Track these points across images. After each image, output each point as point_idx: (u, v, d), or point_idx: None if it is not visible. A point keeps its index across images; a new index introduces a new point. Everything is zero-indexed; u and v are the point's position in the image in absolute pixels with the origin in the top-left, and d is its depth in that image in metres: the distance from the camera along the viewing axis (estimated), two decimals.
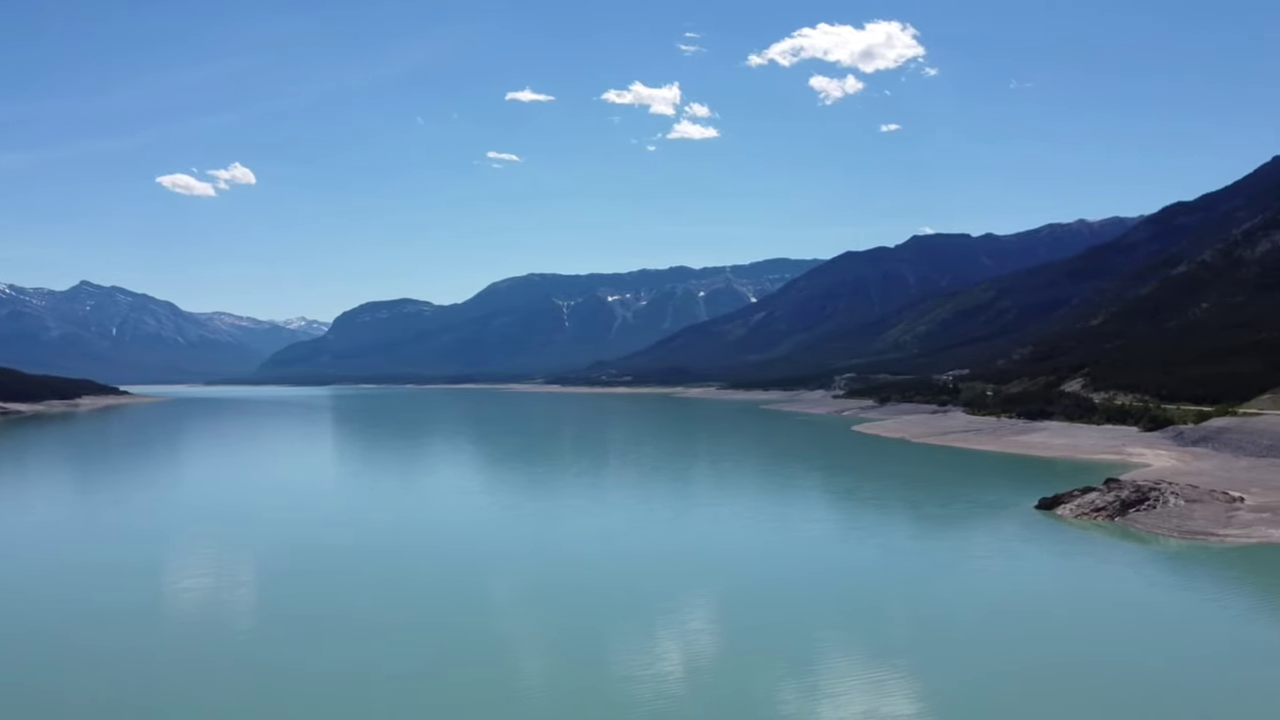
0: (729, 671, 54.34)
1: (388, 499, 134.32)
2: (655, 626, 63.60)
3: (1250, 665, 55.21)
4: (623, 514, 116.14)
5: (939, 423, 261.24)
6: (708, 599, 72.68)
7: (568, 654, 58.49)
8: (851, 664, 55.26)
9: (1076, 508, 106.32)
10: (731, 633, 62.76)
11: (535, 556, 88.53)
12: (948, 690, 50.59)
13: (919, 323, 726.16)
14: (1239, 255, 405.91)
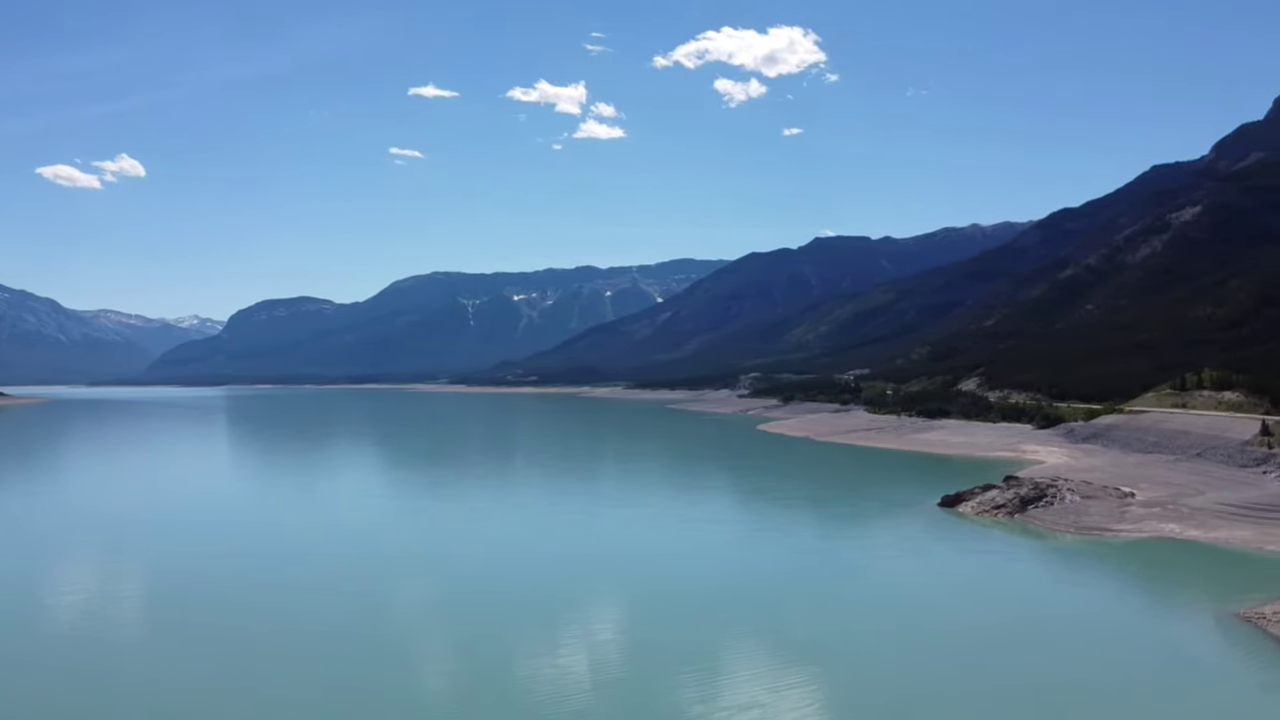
0: (633, 678, 53.44)
1: (277, 506, 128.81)
2: (558, 633, 62.25)
3: (1146, 658, 56.43)
4: (528, 517, 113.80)
5: (842, 421, 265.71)
6: (614, 604, 71.39)
7: (467, 662, 56.77)
8: (757, 667, 54.74)
9: (978, 505, 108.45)
10: (637, 638, 61.70)
11: (437, 563, 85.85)
12: (853, 693, 50.52)
13: (821, 323, 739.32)
14: (1121, 260, 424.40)
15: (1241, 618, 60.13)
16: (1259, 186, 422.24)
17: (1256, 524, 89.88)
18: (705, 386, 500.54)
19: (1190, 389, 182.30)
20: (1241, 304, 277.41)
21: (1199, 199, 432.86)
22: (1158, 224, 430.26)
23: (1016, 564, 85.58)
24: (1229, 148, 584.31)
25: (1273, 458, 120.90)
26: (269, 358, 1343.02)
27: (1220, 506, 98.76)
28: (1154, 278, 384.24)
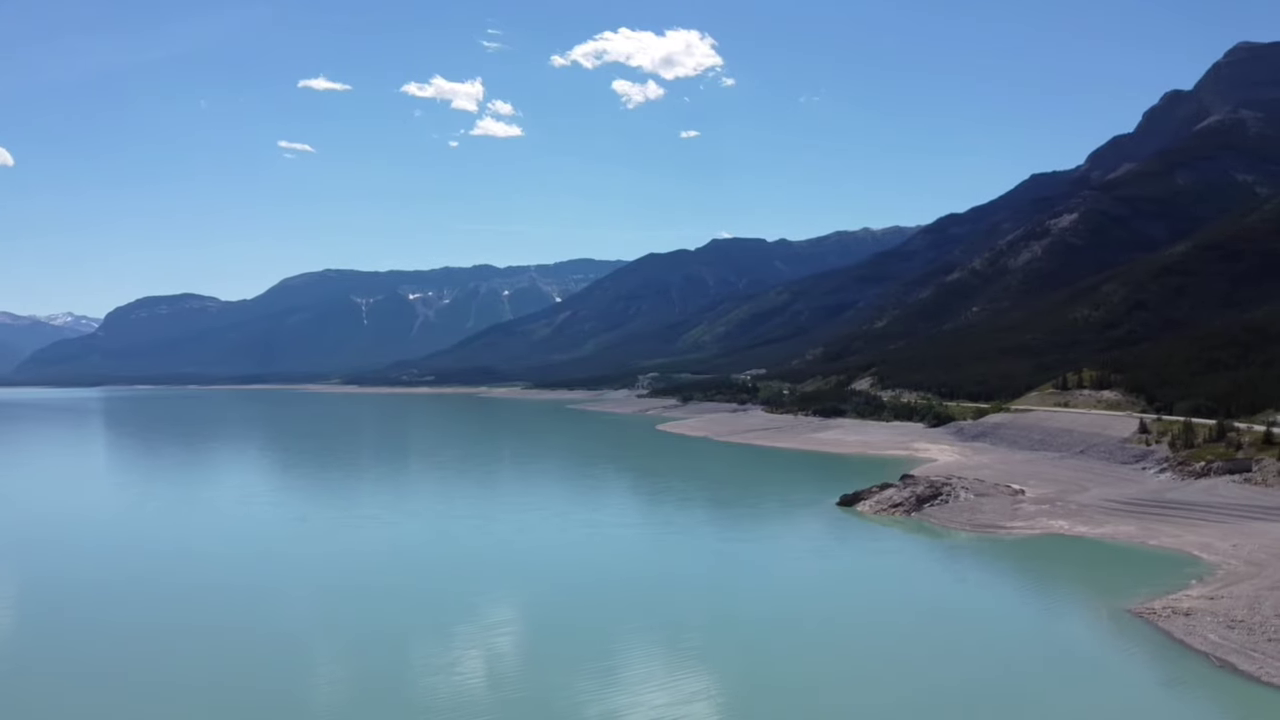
0: (530, 683, 52.39)
1: (140, 523, 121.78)
2: (453, 640, 60.50)
3: (1043, 654, 57.09)
4: (424, 522, 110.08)
5: (740, 421, 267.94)
6: (513, 609, 69.38)
7: (363, 665, 54.96)
8: (658, 671, 53.82)
9: (876, 504, 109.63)
10: (535, 644, 60.29)
11: (327, 570, 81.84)
12: (749, 692, 49.95)
13: (718, 324, 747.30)
14: (1004, 264, 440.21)
15: (1133, 613, 61.48)
16: (1130, 195, 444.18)
17: (1139, 519, 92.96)
18: (604, 387, 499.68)
19: (1071, 388, 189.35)
20: (1115, 307, 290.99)
21: (1075, 206, 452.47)
22: (1038, 230, 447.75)
23: (914, 562, 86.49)
24: (1102, 158, 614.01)
25: (1150, 454, 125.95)
26: (149, 357, 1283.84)
27: (1105, 502, 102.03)
28: (1035, 281, 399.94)
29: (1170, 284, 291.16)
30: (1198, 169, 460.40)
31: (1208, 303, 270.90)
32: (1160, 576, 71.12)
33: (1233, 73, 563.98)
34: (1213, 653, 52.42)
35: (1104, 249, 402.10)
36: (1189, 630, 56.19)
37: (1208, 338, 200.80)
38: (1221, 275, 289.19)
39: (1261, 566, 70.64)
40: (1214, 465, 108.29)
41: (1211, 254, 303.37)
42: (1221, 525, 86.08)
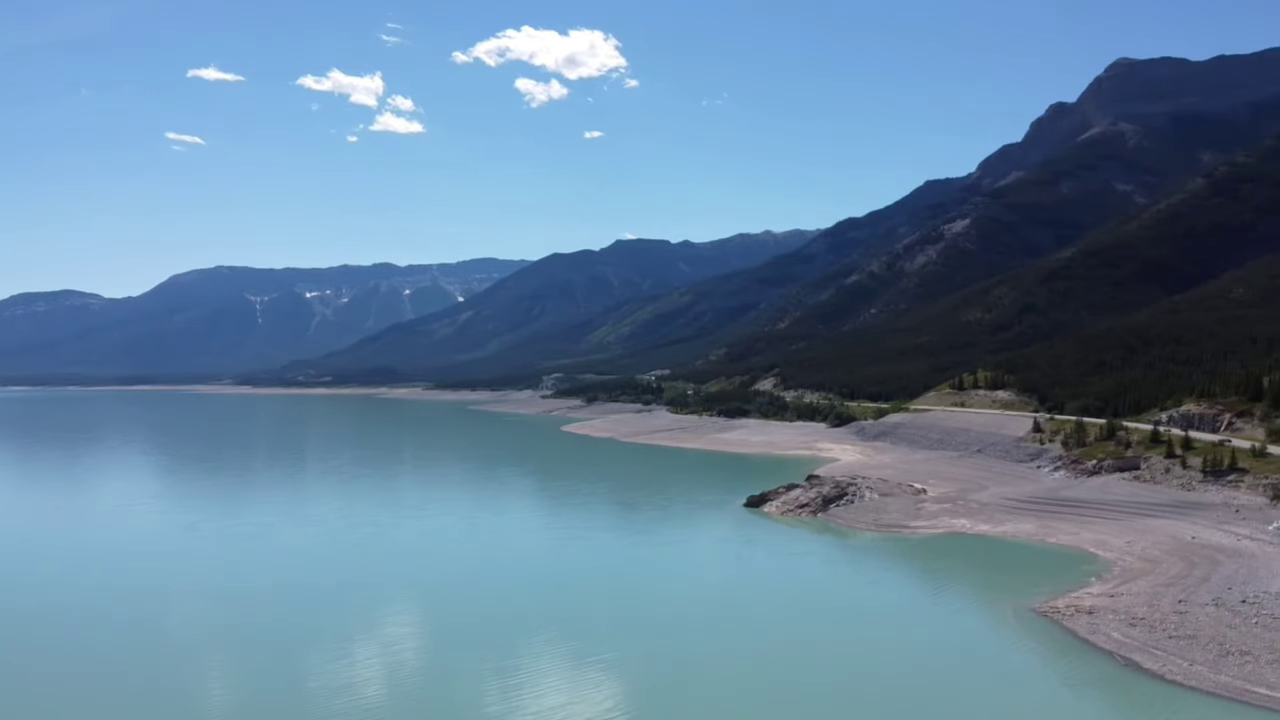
0: (431, 691, 50.95)
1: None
2: (352, 646, 58.14)
3: (955, 655, 57.33)
4: (323, 529, 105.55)
5: (645, 421, 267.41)
6: (413, 616, 66.99)
7: (263, 669, 53.03)
8: (564, 676, 52.63)
9: (782, 505, 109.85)
10: (437, 651, 58.47)
11: (216, 577, 77.49)
12: (655, 694, 49.33)
13: (623, 324, 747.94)
14: (901, 267, 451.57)
15: (1038, 612, 62.33)
16: (1019, 203, 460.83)
17: (1037, 517, 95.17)
18: (508, 387, 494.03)
19: (967, 388, 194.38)
20: (1006, 309, 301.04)
21: (968, 212, 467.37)
22: (932, 235, 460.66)
23: (822, 564, 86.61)
24: (993, 166, 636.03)
25: (1044, 452, 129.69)
26: (25, 356, 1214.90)
27: (1004, 501, 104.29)
28: (930, 284, 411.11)
29: (1057, 288, 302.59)
30: (1081, 178, 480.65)
31: (1092, 306, 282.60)
32: (1061, 574, 72.52)
33: (1112, 87, 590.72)
34: (1117, 651, 53.29)
35: (995, 254, 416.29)
36: (1093, 629, 57.10)
37: (1094, 340, 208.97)
38: (1104, 280, 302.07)
39: (1156, 563, 72.70)
40: (1105, 463, 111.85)
41: (1094, 260, 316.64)
42: (1115, 522, 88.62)
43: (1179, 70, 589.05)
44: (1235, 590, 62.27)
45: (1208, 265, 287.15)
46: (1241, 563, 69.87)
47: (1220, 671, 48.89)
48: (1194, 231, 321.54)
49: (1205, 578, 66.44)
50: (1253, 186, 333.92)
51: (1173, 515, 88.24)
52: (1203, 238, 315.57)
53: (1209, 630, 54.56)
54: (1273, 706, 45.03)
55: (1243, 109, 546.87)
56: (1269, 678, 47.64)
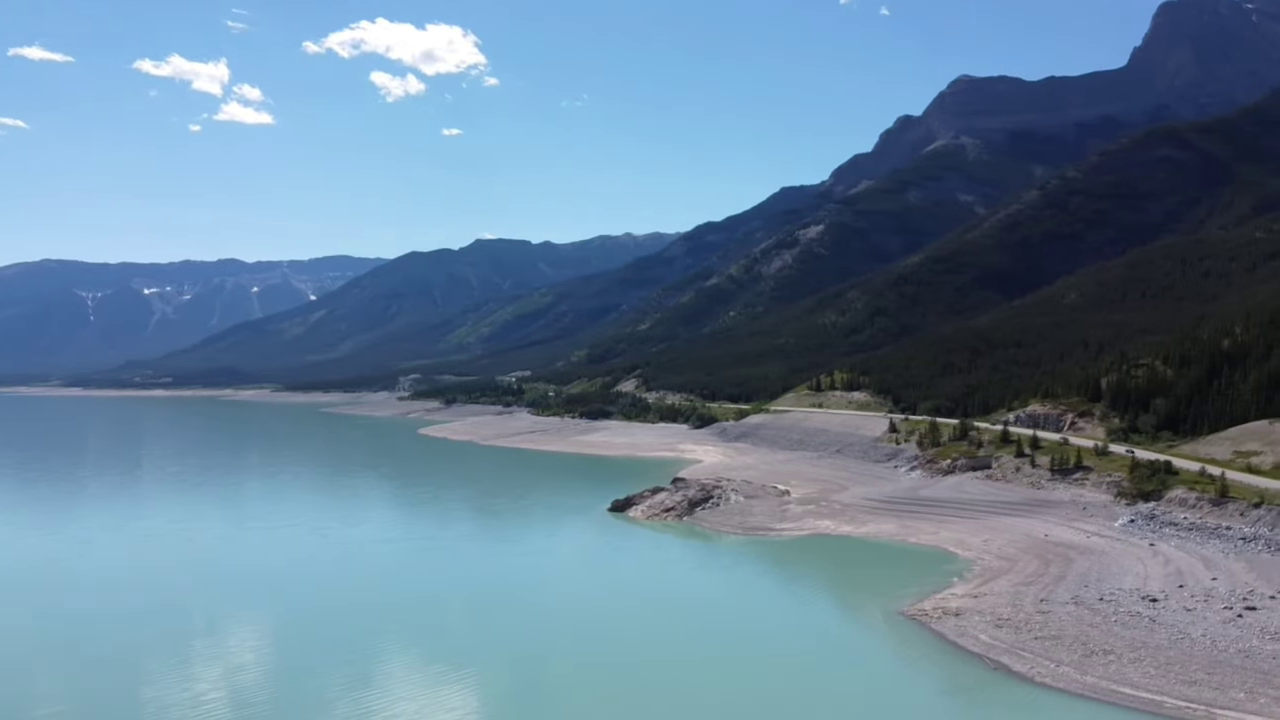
0: (279, 703, 47.62)
1: None
2: (199, 654, 54.81)
3: (826, 663, 56.53)
4: (153, 545, 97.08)
5: (506, 424, 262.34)
6: (260, 631, 62.27)
7: (92, 694, 48.89)
8: (415, 690, 49.31)
9: (648, 509, 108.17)
10: (285, 665, 54.46)
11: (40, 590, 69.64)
12: (515, 707, 47.09)
13: (483, 324, 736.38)
14: (758, 271, 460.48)
15: (906, 615, 62.29)
16: (869, 210, 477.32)
17: (898, 517, 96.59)
18: (363, 388, 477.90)
19: (825, 389, 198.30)
20: (859, 313, 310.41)
21: (822, 219, 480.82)
22: (788, 240, 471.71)
23: (690, 569, 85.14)
24: (845, 174, 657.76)
25: (901, 452, 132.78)
26: None
27: (865, 501, 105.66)
28: (786, 288, 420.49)
29: (906, 293, 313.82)
30: (926, 188, 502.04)
31: (938, 310, 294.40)
32: (924, 575, 73.14)
33: (955, 102, 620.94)
34: (986, 654, 53.43)
35: (847, 259, 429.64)
36: (961, 631, 57.27)
37: (942, 342, 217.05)
38: (948, 285, 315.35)
39: (1013, 561, 74.28)
40: (959, 463, 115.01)
41: (939, 266, 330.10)
42: (972, 521, 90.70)
43: (1015, 89, 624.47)
44: (1091, 588, 63.93)
45: (1042, 272, 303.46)
46: (1093, 559, 72.10)
47: (1086, 672, 49.50)
48: (1029, 240, 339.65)
49: (1061, 575, 68.10)
50: (1080, 199, 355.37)
51: (1025, 513, 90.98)
52: (1037, 246, 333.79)
53: (1072, 630, 55.47)
54: (1138, 706, 45.71)
55: (1070, 127, 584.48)
56: (1133, 676, 48.49)
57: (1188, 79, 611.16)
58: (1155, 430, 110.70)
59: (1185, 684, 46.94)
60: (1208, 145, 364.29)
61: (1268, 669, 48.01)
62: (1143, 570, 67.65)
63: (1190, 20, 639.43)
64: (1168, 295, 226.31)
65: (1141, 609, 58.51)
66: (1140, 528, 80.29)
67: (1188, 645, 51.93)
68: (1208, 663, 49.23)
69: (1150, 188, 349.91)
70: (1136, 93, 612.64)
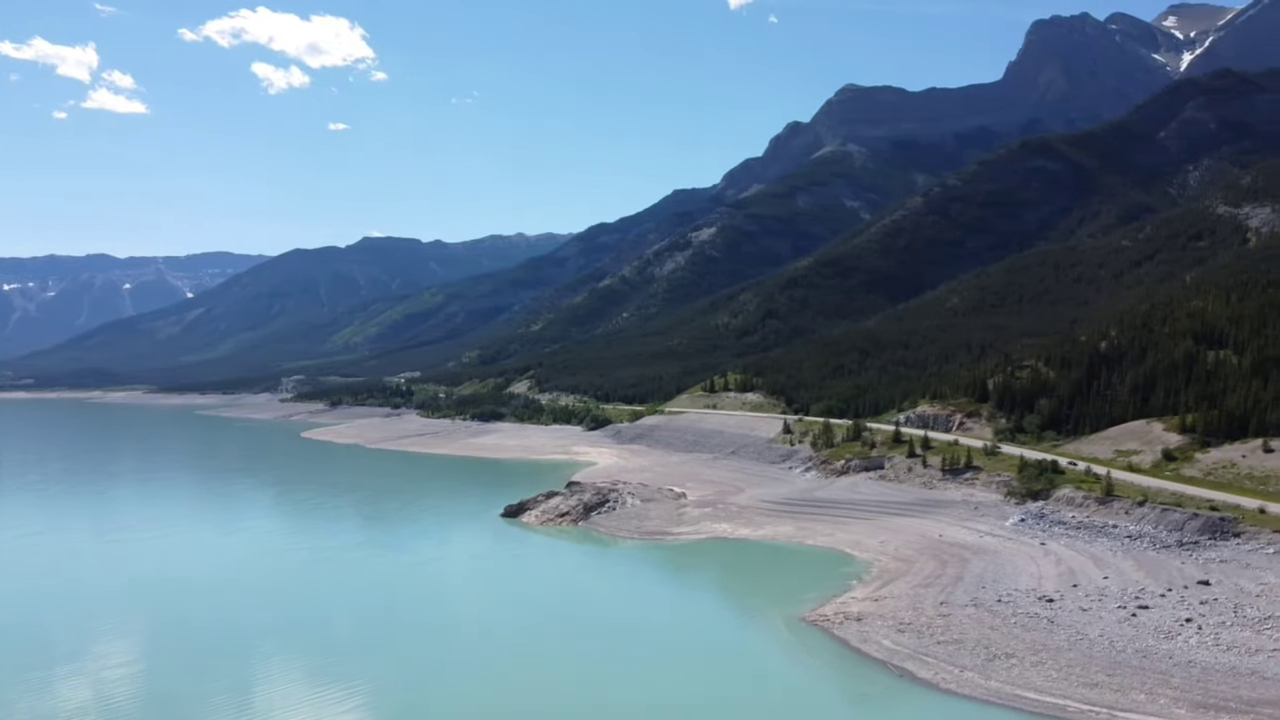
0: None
1: None
2: (55, 677, 50.01)
3: (730, 673, 55.02)
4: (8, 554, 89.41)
5: (394, 426, 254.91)
6: (131, 644, 57.69)
7: None
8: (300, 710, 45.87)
9: (542, 514, 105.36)
10: (158, 678, 50.80)
11: None
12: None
13: (370, 324, 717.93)
14: (651, 272, 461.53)
15: (808, 621, 61.28)
16: (760, 214, 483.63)
17: (794, 518, 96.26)
18: (243, 390, 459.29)
19: (719, 390, 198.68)
20: (751, 315, 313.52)
21: (714, 221, 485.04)
22: (681, 242, 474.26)
23: (586, 576, 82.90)
24: (736, 178, 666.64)
25: (795, 453, 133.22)
26: None
27: (762, 503, 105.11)
28: (679, 289, 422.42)
29: (796, 296, 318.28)
30: (814, 193, 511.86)
31: (827, 312, 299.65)
32: (823, 578, 72.52)
33: (842, 110, 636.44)
34: (889, 660, 52.71)
35: (739, 261, 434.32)
36: (863, 637, 56.51)
37: (832, 344, 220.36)
38: (836, 289, 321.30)
39: (910, 562, 74.37)
40: (853, 463, 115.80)
41: (828, 270, 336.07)
42: (867, 522, 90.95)
43: (898, 98, 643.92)
44: (989, 589, 64.22)
45: (926, 276, 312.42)
46: (988, 560, 72.73)
47: (990, 677, 49.19)
48: (913, 246, 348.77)
49: (959, 577, 68.35)
50: (961, 206, 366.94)
51: (919, 514, 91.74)
52: (921, 251, 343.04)
53: (973, 633, 55.31)
54: (1042, 711, 45.48)
55: (950, 137, 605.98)
56: (1035, 680, 48.36)
57: (1058, 94, 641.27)
58: (1040, 430, 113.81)
59: (1087, 686, 47.04)
60: (1077, 157, 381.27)
61: (1165, 669, 48.58)
62: (1037, 570, 68.50)
63: (1060, 39, 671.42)
64: (1043, 300, 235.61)
65: (1039, 610, 58.93)
66: (1031, 527, 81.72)
67: (1087, 646, 52.30)
68: (1108, 664, 49.57)
69: (1025, 196, 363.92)
70: (1010, 106, 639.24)
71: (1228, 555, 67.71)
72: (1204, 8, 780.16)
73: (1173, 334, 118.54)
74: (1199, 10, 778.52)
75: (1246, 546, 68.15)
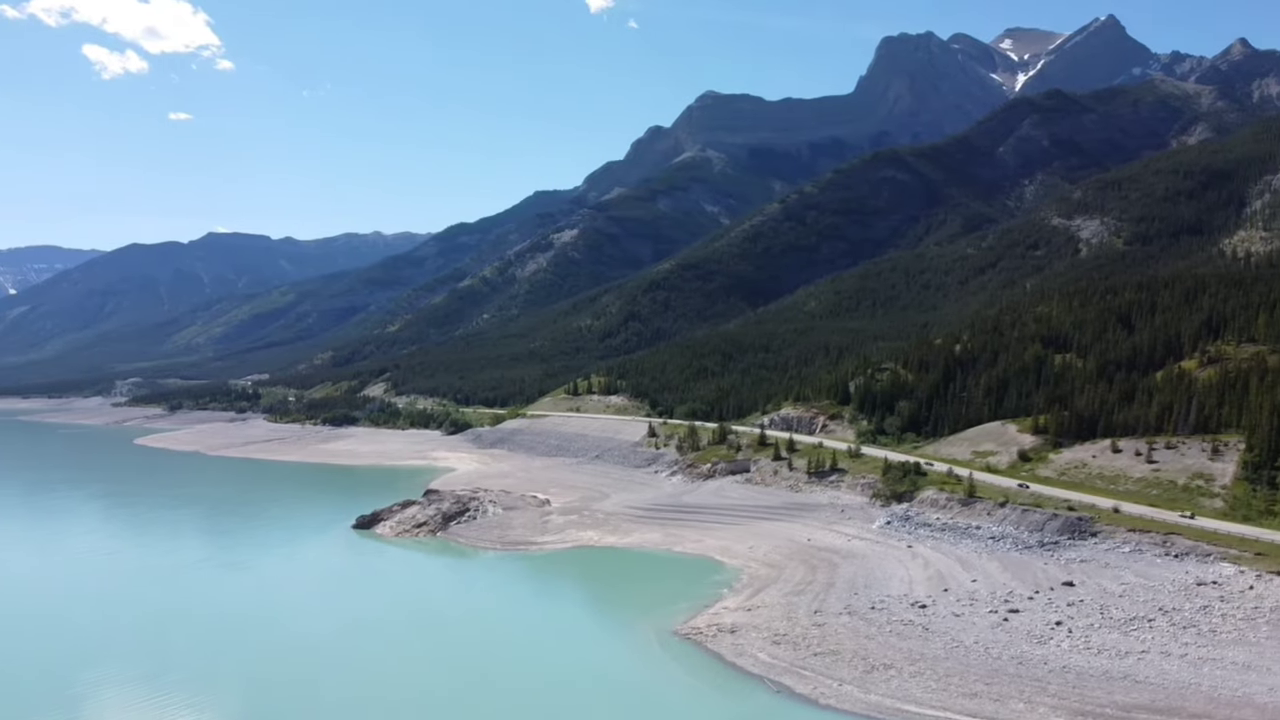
0: None
1: None
2: None
3: (600, 694, 51.97)
4: None
5: (239, 431, 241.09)
6: None
7: None
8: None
9: (397, 524, 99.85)
10: None
11: None
12: None
13: (215, 325, 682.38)
14: (513, 273, 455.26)
15: (680, 635, 58.83)
16: (622, 217, 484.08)
17: (662, 525, 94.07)
18: (72, 393, 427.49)
19: (582, 393, 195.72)
20: (613, 317, 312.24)
21: (576, 223, 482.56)
22: (543, 243, 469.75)
23: (443, 590, 78.36)
24: (598, 181, 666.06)
25: (661, 457, 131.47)
26: None
27: (628, 510, 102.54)
28: (541, 291, 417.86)
29: (658, 298, 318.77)
30: (675, 197, 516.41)
31: (689, 316, 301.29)
32: (693, 587, 70.40)
33: (702, 116, 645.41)
34: (767, 675, 50.77)
35: (601, 264, 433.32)
36: (739, 651, 54.40)
37: (695, 347, 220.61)
38: (698, 292, 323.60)
39: (779, 568, 73.09)
40: (719, 466, 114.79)
41: (689, 273, 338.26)
42: (735, 527, 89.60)
43: (756, 107, 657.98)
44: (861, 595, 63.33)
45: (784, 281, 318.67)
46: (857, 564, 72.14)
47: (870, 690, 47.78)
48: (771, 251, 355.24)
49: (830, 582, 67.37)
50: (816, 214, 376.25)
51: (786, 517, 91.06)
52: (779, 256, 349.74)
53: (850, 644, 53.99)
54: None
55: (805, 146, 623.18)
56: (915, 692, 47.19)
57: (905, 109, 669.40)
58: (901, 432, 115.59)
59: (967, 697, 46.20)
60: (924, 169, 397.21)
61: (1040, 675, 48.30)
62: (906, 574, 68.23)
63: (907, 56, 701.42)
64: (895, 304, 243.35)
65: (913, 616, 58.26)
66: (897, 529, 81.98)
67: (963, 654, 51.69)
68: (985, 672, 48.98)
69: (877, 205, 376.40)
70: (861, 118, 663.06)
71: (1087, 555, 69.23)
72: (1036, 32, 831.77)
73: (1022, 338, 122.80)
74: (1032, 34, 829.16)
75: (1104, 546, 69.89)
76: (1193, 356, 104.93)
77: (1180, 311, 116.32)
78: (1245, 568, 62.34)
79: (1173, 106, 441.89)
